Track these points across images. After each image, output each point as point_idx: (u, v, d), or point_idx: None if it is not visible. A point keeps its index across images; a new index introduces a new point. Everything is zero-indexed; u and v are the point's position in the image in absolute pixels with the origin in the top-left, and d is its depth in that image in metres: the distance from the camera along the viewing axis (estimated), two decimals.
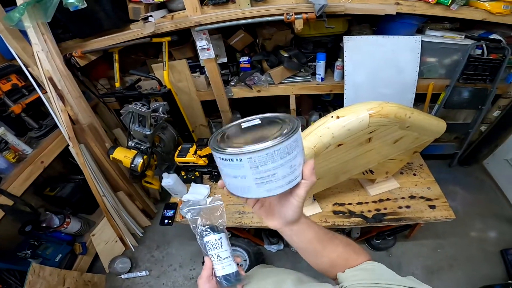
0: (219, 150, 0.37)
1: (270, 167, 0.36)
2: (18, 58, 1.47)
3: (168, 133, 1.90)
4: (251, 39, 1.89)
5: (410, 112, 0.95)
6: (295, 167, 0.39)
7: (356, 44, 1.65)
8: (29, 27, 1.34)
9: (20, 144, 1.56)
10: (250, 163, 0.36)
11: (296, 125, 0.38)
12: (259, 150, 0.35)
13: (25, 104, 1.56)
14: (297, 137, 0.38)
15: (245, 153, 0.35)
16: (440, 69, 1.74)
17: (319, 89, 1.90)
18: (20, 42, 1.43)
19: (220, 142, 0.40)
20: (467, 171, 2.26)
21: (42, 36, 1.41)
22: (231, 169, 0.38)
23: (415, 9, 1.46)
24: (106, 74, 2.04)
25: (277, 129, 0.39)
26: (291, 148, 0.37)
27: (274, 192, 0.39)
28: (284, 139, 0.36)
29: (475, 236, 1.83)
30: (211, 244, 0.57)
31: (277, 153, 0.36)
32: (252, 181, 0.38)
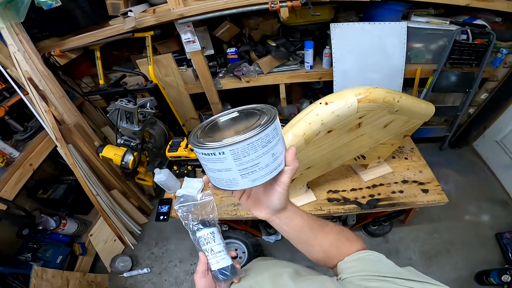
0: (200, 145, 0.37)
1: (253, 157, 0.37)
2: None
3: (158, 128, 1.85)
4: (237, 29, 1.84)
5: (398, 96, 0.93)
6: (276, 155, 0.39)
7: (343, 31, 1.63)
8: (2, 28, 1.28)
9: (6, 148, 1.52)
10: (233, 155, 0.36)
11: (274, 114, 0.38)
12: (240, 141, 0.35)
13: (7, 106, 1.49)
14: (276, 125, 0.38)
15: (226, 145, 0.35)
16: (427, 54, 1.75)
17: (309, 77, 1.87)
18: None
19: (200, 138, 0.39)
20: (458, 153, 2.28)
21: (17, 36, 1.34)
22: (214, 163, 0.38)
23: None
24: (89, 72, 1.97)
25: (255, 120, 0.39)
26: (271, 136, 0.37)
27: (259, 181, 0.39)
28: (263, 128, 0.36)
29: (470, 220, 1.85)
30: (203, 239, 0.57)
31: (258, 142, 0.36)
32: (236, 173, 0.38)
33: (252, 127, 0.37)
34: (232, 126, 0.42)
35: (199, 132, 0.42)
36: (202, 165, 0.41)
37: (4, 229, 1.70)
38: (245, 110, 0.44)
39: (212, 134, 0.41)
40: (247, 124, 0.39)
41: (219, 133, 0.41)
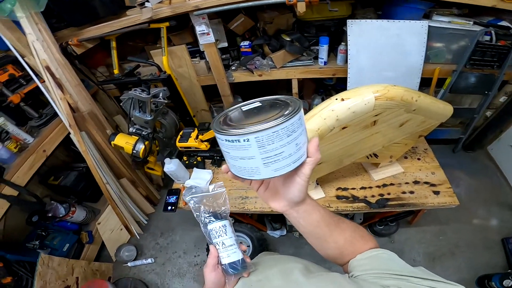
0: (224, 132, 0.36)
1: (278, 146, 0.36)
2: (13, 49, 1.44)
3: (169, 118, 1.87)
4: (252, 23, 1.84)
5: (417, 95, 0.92)
6: (300, 146, 0.39)
7: (360, 28, 1.61)
8: (22, 17, 1.31)
9: (21, 134, 1.55)
10: (257, 143, 0.36)
11: (299, 105, 0.38)
12: (266, 128, 0.35)
13: (23, 93, 1.53)
14: (301, 115, 0.38)
15: (252, 132, 0.35)
16: (447, 54, 1.71)
17: (322, 73, 1.86)
18: (14, 32, 1.41)
19: (223, 125, 0.39)
20: (472, 156, 2.24)
21: (36, 25, 1.37)
22: (237, 150, 0.37)
23: None
24: (105, 62, 2.00)
25: (279, 110, 0.39)
26: (296, 126, 0.37)
27: (281, 171, 0.39)
28: (289, 117, 0.36)
29: (478, 224, 1.82)
30: (215, 232, 0.56)
31: (283, 131, 0.36)
32: (260, 161, 0.38)
33: (277, 116, 0.36)
34: (255, 115, 0.41)
35: (222, 119, 0.41)
36: (223, 152, 0.40)
37: (14, 216, 1.73)
38: (267, 101, 0.43)
39: (234, 122, 0.40)
40: (271, 114, 0.38)
41: (242, 121, 0.40)
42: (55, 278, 1.54)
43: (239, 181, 0.46)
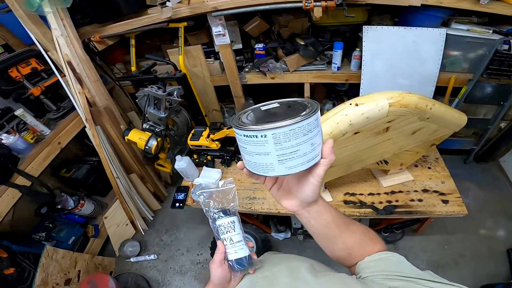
0: (242, 127, 0.38)
1: (293, 144, 0.38)
2: (37, 43, 1.50)
3: (182, 116, 1.92)
4: (267, 26, 1.87)
5: (432, 103, 0.93)
6: (315, 146, 0.40)
7: (376, 35, 1.61)
8: (49, 13, 1.36)
9: (38, 125, 1.62)
10: (274, 139, 0.37)
11: (316, 106, 0.40)
12: (283, 126, 0.36)
13: (44, 86, 1.60)
14: (317, 116, 0.39)
15: (270, 129, 0.36)
16: (463, 62, 1.70)
17: (335, 78, 1.87)
18: (40, 27, 1.46)
19: (242, 121, 0.41)
20: (483, 168, 2.22)
21: (61, 21, 1.43)
22: (254, 146, 0.39)
23: (442, 1, 1.41)
24: (122, 59, 2.06)
25: (296, 111, 0.40)
26: (313, 126, 0.38)
27: (294, 169, 0.40)
28: (307, 117, 0.37)
29: (484, 234, 1.81)
30: (223, 227, 0.56)
31: (300, 130, 0.37)
32: (275, 157, 0.39)
33: (294, 115, 0.38)
34: (273, 115, 0.43)
35: (241, 116, 0.43)
36: (240, 148, 0.42)
37: (24, 206, 1.77)
38: (286, 102, 0.45)
39: (253, 119, 0.42)
40: (289, 114, 0.40)
41: (260, 119, 0.42)
42: (57, 271, 1.57)
43: (253, 179, 0.47)
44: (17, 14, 1.39)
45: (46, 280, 1.50)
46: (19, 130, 1.60)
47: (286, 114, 0.41)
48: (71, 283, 1.65)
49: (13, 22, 1.48)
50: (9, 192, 1.43)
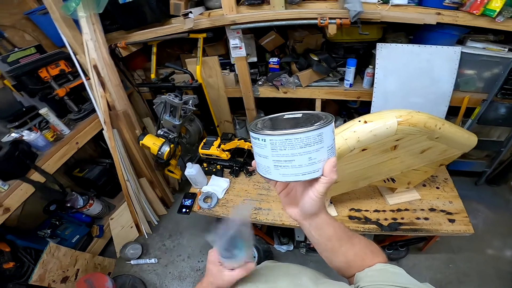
0: (252, 129, 0.43)
1: (288, 153, 0.40)
2: (68, 46, 1.62)
3: (195, 125, 2.00)
4: (282, 40, 1.95)
5: (441, 123, 0.95)
6: (314, 161, 0.41)
7: (389, 52, 1.64)
8: (82, 17, 1.49)
9: (60, 125, 1.71)
10: (271, 145, 0.40)
11: (323, 123, 0.40)
12: (279, 134, 0.39)
13: (69, 88, 1.71)
14: (323, 133, 0.40)
15: (268, 134, 0.40)
16: (478, 82, 1.69)
17: (347, 95, 1.90)
18: (72, 30, 1.58)
19: (258, 125, 0.45)
20: (494, 190, 2.20)
21: (92, 26, 1.55)
22: (258, 148, 0.43)
23: (457, 19, 1.42)
24: (143, 66, 2.19)
25: (310, 123, 0.41)
26: (313, 141, 0.39)
27: (289, 178, 0.42)
28: (306, 131, 0.38)
29: (491, 254, 1.79)
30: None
31: (296, 141, 0.39)
32: (271, 162, 0.42)
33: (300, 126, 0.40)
34: (291, 123, 0.45)
35: (259, 121, 0.47)
36: (253, 148, 0.45)
37: (34, 202, 1.83)
38: (308, 114, 0.47)
39: (270, 125, 0.45)
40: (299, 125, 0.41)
41: (275, 125, 0.45)
42: (56, 268, 1.61)
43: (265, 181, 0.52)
44: (53, 16, 1.52)
45: (43, 276, 1.54)
46: (41, 128, 1.70)
47: (299, 124, 0.42)
48: (68, 281, 1.67)
49: (48, 24, 1.62)
50: (23, 187, 1.49)
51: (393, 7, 1.46)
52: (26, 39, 1.85)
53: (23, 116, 1.66)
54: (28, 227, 1.85)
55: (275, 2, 1.52)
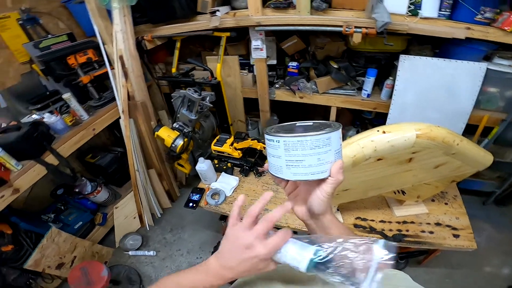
0: (268, 132, 0.48)
1: (300, 154, 0.45)
2: (98, 36, 1.69)
3: (209, 122, 2.04)
4: (303, 45, 1.97)
5: (459, 139, 0.97)
6: (322, 162, 0.45)
7: (412, 64, 1.63)
8: (116, 8, 1.55)
9: (80, 110, 1.78)
10: (284, 146, 0.45)
11: (334, 128, 0.45)
12: (293, 136, 0.44)
13: (93, 76, 1.78)
14: (331, 137, 0.45)
15: (282, 136, 0.45)
16: (500, 100, 1.66)
17: (363, 105, 1.90)
18: (104, 21, 1.66)
19: (273, 129, 0.50)
20: (501, 210, 2.20)
21: (123, 17, 1.62)
22: (272, 148, 0.48)
23: (488, 35, 1.40)
24: (164, 60, 2.25)
25: (317, 129, 0.47)
26: (322, 143, 0.44)
27: (299, 177, 0.47)
28: (316, 134, 0.44)
29: (489, 271, 1.80)
30: None
31: (307, 143, 0.44)
32: (283, 162, 0.47)
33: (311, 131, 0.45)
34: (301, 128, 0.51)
35: (275, 126, 0.53)
36: (266, 149, 0.51)
37: (42, 185, 1.87)
38: (318, 122, 0.52)
39: (283, 130, 0.50)
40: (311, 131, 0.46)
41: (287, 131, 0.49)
42: (54, 254, 1.64)
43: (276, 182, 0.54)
44: (89, 6, 1.59)
45: (39, 261, 1.56)
46: (61, 112, 1.77)
47: (310, 130, 0.47)
48: (63, 267, 1.71)
49: (82, 13, 1.70)
50: (35, 168, 1.52)
51: (422, 19, 1.45)
52: (59, 26, 1.94)
53: (46, 99, 1.73)
54: (33, 210, 1.90)
55: (301, 7, 1.55)
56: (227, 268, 0.46)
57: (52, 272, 1.67)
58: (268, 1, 1.63)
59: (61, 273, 1.70)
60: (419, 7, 1.45)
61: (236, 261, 0.45)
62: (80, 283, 1.54)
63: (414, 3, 1.45)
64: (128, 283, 1.90)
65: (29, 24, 1.73)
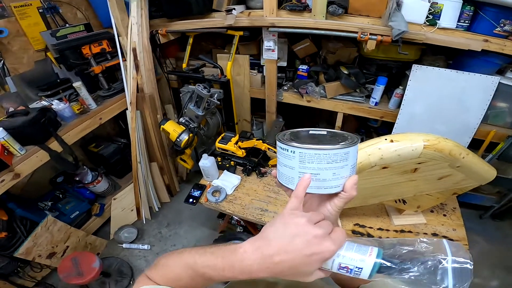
0: (281, 140, 0.46)
1: (315, 166, 0.43)
2: (114, 27, 1.73)
3: (215, 119, 2.07)
4: (314, 49, 1.99)
5: (466, 152, 0.98)
6: (337, 176, 0.44)
7: (424, 75, 1.63)
8: (134, 1, 1.59)
9: (88, 99, 1.82)
10: (300, 157, 0.43)
11: (352, 142, 0.44)
12: (311, 148, 0.42)
13: (105, 66, 1.82)
14: (349, 152, 0.43)
15: (299, 147, 0.43)
16: (508, 116, 1.67)
17: (370, 113, 1.91)
18: (122, 13, 1.70)
19: (285, 137, 0.49)
20: (497, 225, 2.25)
21: (140, 10, 1.66)
22: (284, 158, 0.46)
23: (504, 48, 1.41)
24: (175, 55, 2.29)
25: (334, 141, 0.45)
26: (340, 158, 0.43)
27: (311, 190, 0.45)
28: (335, 148, 0.42)
29: (477, 283, 1.84)
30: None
31: (325, 156, 0.42)
32: (297, 173, 0.45)
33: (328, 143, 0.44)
34: (315, 139, 0.49)
35: (288, 132, 0.50)
36: (277, 158, 0.48)
37: (43, 172, 1.88)
38: (332, 132, 0.50)
39: (296, 138, 0.50)
40: (326, 141, 0.45)
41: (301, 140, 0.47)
42: (46, 242, 1.64)
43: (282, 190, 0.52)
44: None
45: (31, 249, 1.57)
46: (70, 100, 1.81)
47: (325, 141, 0.46)
48: (54, 257, 1.72)
49: (101, 4, 1.74)
50: (39, 154, 1.54)
51: (440, 29, 1.46)
52: (77, 16, 1.98)
53: (56, 86, 1.77)
54: (30, 196, 1.91)
55: (317, 11, 1.56)
56: (268, 262, 0.38)
57: (43, 262, 1.67)
58: (284, 3, 1.66)
59: (51, 262, 1.71)
60: (437, 17, 1.45)
61: (291, 255, 0.37)
62: (70, 273, 1.54)
63: (433, 13, 1.45)
64: (119, 275, 1.92)
65: (48, 12, 1.78)
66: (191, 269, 0.43)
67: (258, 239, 0.40)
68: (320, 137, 0.49)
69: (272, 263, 0.37)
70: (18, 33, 1.68)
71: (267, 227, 0.41)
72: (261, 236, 0.40)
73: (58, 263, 1.66)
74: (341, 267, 0.40)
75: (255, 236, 0.41)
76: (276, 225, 0.40)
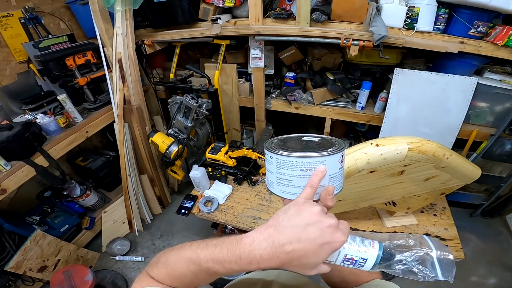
0: (266, 146, 0.49)
1: (289, 173, 0.45)
2: (99, 38, 1.71)
3: (204, 129, 2.07)
4: (301, 56, 2.03)
5: (449, 153, 1.01)
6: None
7: (406, 78, 1.67)
8: (118, 11, 1.58)
9: (74, 112, 1.78)
10: (276, 163, 0.46)
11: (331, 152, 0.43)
12: (284, 155, 0.44)
13: (90, 78, 1.80)
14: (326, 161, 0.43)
15: (275, 154, 0.46)
16: (489, 115, 1.72)
17: (357, 117, 1.95)
18: (106, 23, 1.68)
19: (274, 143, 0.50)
20: (488, 222, 2.29)
21: (125, 21, 1.65)
22: (267, 163, 0.49)
23: (480, 49, 1.45)
24: (162, 65, 2.28)
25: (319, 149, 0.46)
26: (314, 166, 0.43)
27: (288, 196, 0.47)
28: (308, 156, 0.43)
29: (475, 281, 1.86)
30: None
31: (298, 164, 0.44)
32: (275, 178, 0.48)
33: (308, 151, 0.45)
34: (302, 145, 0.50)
35: (279, 138, 0.53)
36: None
37: (29, 186, 1.85)
38: (324, 139, 0.51)
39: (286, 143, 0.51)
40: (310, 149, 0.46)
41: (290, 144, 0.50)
42: (36, 256, 1.61)
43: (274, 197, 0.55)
44: (92, 7, 1.62)
45: (21, 263, 1.53)
46: (55, 113, 1.77)
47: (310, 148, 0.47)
48: (46, 271, 1.68)
49: (85, 15, 1.74)
50: (24, 169, 1.52)
51: (418, 33, 1.51)
52: (60, 27, 1.97)
53: (40, 99, 1.74)
54: (17, 211, 1.87)
55: (301, 18, 1.60)
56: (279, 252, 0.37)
57: (34, 275, 1.64)
58: (269, 11, 1.69)
59: (43, 276, 1.68)
60: (415, 20, 1.50)
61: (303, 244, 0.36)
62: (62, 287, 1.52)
63: (411, 16, 1.50)
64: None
65: (30, 23, 1.76)
66: (194, 265, 0.41)
67: (268, 227, 0.39)
68: (309, 144, 0.50)
69: (282, 252, 0.37)
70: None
71: (280, 215, 0.40)
72: (272, 224, 0.39)
73: (50, 277, 1.63)
74: (347, 258, 0.41)
75: (264, 224, 0.40)
76: (289, 212, 0.39)
